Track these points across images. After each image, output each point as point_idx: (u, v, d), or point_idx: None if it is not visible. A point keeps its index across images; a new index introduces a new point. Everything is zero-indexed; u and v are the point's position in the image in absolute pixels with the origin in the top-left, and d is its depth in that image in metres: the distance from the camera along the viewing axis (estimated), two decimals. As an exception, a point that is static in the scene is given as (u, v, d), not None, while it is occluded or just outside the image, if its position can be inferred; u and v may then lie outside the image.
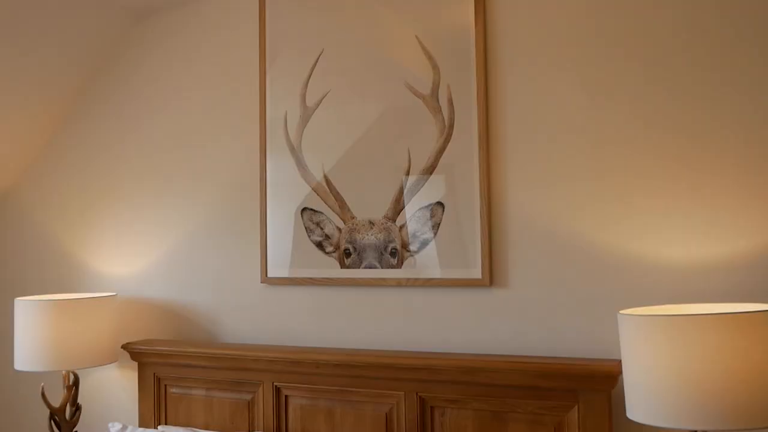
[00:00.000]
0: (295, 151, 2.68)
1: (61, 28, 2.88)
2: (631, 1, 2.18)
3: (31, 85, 2.99)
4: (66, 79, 3.08)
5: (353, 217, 2.56)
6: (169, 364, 2.71)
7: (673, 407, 1.74)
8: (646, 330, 1.78)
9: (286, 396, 2.51)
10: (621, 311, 1.86)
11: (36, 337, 2.73)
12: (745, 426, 1.69)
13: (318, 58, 2.65)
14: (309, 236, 2.64)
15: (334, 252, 2.60)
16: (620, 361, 1.93)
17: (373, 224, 2.53)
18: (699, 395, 1.71)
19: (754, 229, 2.01)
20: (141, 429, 2.51)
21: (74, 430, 2.85)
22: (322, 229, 2.62)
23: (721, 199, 2.05)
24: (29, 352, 2.74)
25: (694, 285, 2.06)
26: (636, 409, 1.83)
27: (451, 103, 2.42)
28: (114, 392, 3.01)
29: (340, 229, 2.58)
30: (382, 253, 2.51)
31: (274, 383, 2.52)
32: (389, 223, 2.50)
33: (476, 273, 2.36)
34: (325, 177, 2.62)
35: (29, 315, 2.74)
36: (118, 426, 2.54)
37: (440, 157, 2.43)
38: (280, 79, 2.73)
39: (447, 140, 2.43)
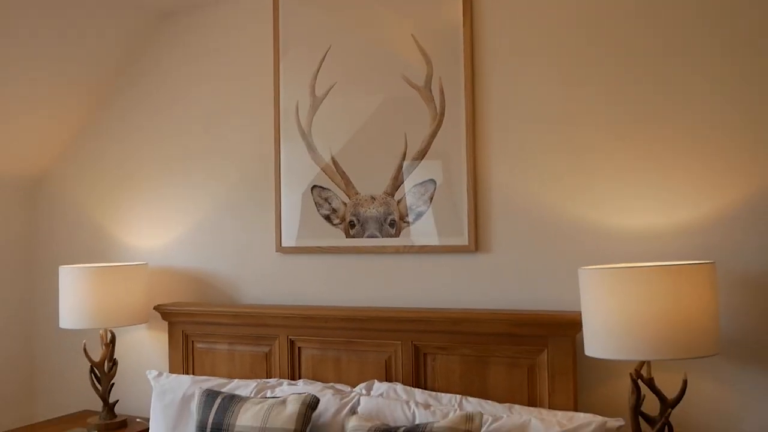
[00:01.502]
0: (306, 136, 3.04)
1: (98, 24, 3.21)
2: (602, 8, 2.53)
3: (68, 74, 3.32)
4: (99, 69, 3.42)
5: (357, 193, 2.93)
6: (196, 322, 3.09)
7: (622, 343, 2.11)
8: (600, 281, 2.16)
9: (299, 348, 2.88)
10: (581, 268, 2.24)
11: (78, 299, 3.09)
12: (679, 356, 2.07)
13: (326, 54, 3.00)
14: (318, 210, 3.01)
15: (340, 224, 2.96)
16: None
17: (375, 199, 2.89)
18: (642, 332, 2.08)
19: (696, 200, 2.38)
20: (174, 374, 2.88)
21: (111, 381, 3.22)
22: (329, 203, 2.99)
23: (671, 174, 2.41)
24: (72, 312, 3.12)
25: (644, 246, 2.43)
26: (593, 347, 2.20)
27: (443, 94, 2.78)
28: (146, 349, 3.38)
29: (345, 204, 2.95)
30: (382, 224, 2.88)
31: (289, 337, 2.89)
32: (388, 198, 2.87)
33: (464, 240, 2.73)
34: (333, 158, 2.98)
35: (72, 280, 3.11)
36: (155, 373, 2.91)
37: (432, 140, 2.79)
38: (291, 72, 3.08)
39: (439, 126, 2.79)
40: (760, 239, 2.30)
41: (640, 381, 2.22)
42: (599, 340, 2.17)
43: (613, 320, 2.12)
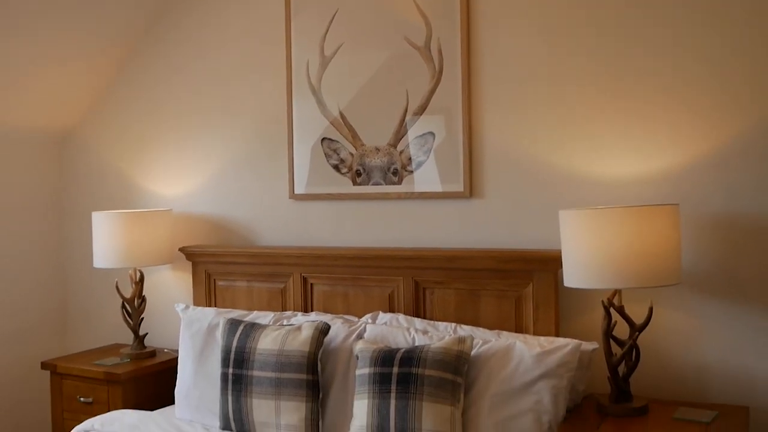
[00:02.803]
0: (316, 92, 3.31)
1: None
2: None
3: (96, 33, 3.55)
4: (126, 29, 3.64)
5: (363, 145, 3.21)
6: (217, 262, 3.41)
7: (596, 274, 2.42)
8: (578, 221, 2.46)
9: (311, 284, 3.20)
10: (560, 210, 2.54)
11: (110, 242, 3.40)
12: (645, 284, 2.38)
13: (333, 17, 3.24)
14: (327, 160, 3.30)
15: (347, 173, 3.25)
16: (561, 246, 2.60)
17: (379, 150, 3.18)
18: (613, 265, 2.38)
19: (667, 150, 2.66)
20: (200, 307, 3.21)
21: (141, 316, 3.55)
22: (338, 154, 3.27)
23: (646, 126, 2.68)
24: (105, 253, 3.43)
25: (620, 192, 2.71)
26: (571, 279, 2.50)
27: (441, 53, 3.03)
28: (171, 287, 3.71)
29: (352, 155, 3.23)
30: (386, 173, 3.17)
31: (302, 274, 3.20)
32: (392, 149, 3.15)
33: (459, 187, 3.02)
34: (340, 113, 3.25)
35: (104, 225, 3.42)
36: (182, 306, 3.24)
37: (432, 96, 3.05)
38: (302, 33, 3.32)
39: (437, 83, 3.05)
40: (725, 185, 2.59)
41: (612, 309, 2.54)
42: (577, 273, 2.48)
43: (588, 255, 2.42)
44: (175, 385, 3.16)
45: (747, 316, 2.58)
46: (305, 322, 2.83)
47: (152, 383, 3.37)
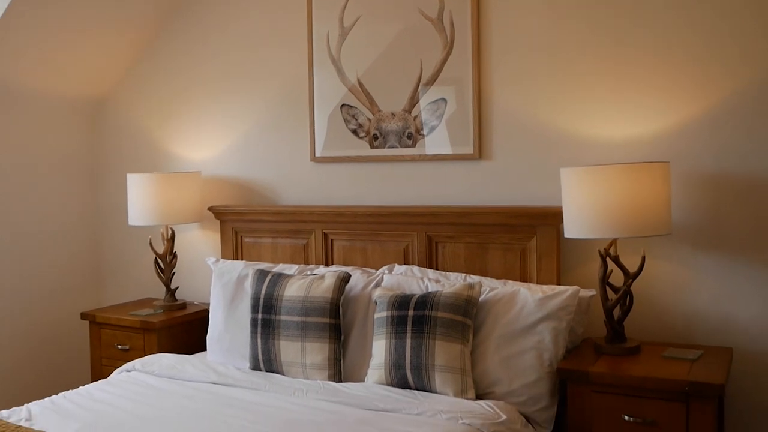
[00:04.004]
0: (335, 61, 3.54)
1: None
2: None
3: (125, 5, 3.77)
4: (153, 1, 3.92)
5: (379, 110, 3.45)
6: (244, 220, 3.66)
7: (593, 225, 2.66)
8: (577, 177, 2.69)
9: (331, 240, 3.46)
10: (561, 168, 2.77)
11: (143, 201, 3.66)
12: (638, 234, 2.62)
13: (352, -10, 3.49)
14: (346, 125, 3.54)
15: (365, 137, 3.49)
16: (562, 201, 2.84)
17: (395, 115, 3.41)
18: (609, 216, 2.61)
19: (661, 112, 2.89)
20: (229, 261, 3.48)
21: (173, 271, 3.83)
22: (356, 119, 3.51)
23: (642, 90, 2.91)
24: (139, 212, 3.69)
25: (618, 152, 2.95)
26: (571, 230, 2.74)
27: (452, 25, 3.25)
28: (200, 244, 3.97)
29: (369, 120, 3.47)
30: (401, 137, 3.41)
31: (323, 231, 3.46)
32: (406, 114, 3.38)
33: (469, 149, 3.26)
34: (359, 80, 3.48)
35: (138, 185, 3.68)
36: (213, 259, 3.51)
37: (444, 65, 3.28)
38: (323, 6, 3.53)
39: (449, 53, 3.27)
40: (715, 145, 2.82)
41: (608, 258, 2.79)
42: (576, 224, 2.72)
43: (586, 208, 2.67)
44: (204, 334, 3.44)
45: (733, 266, 2.82)
46: (328, 272, 3.10)
47: (184, 332, 3.64)
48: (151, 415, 2.60)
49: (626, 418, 2.51)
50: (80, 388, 2.93)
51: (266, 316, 3.03)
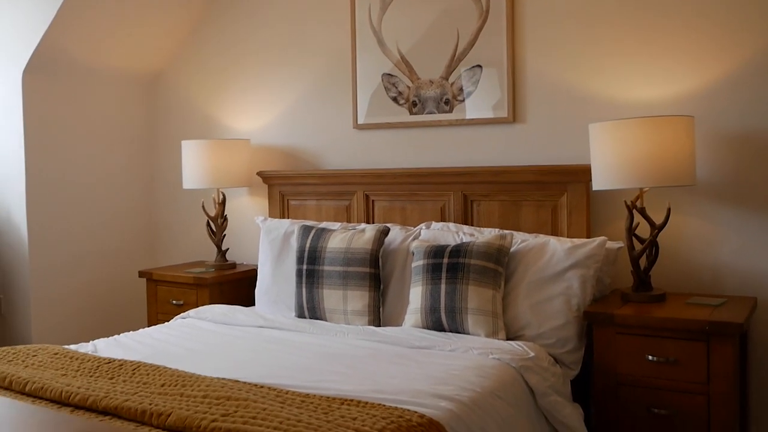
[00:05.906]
0: (377, 33, 3.73)
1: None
2: None
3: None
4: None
5: (418, 78, 3.63)
6: (290, 183, 3.88)
7: (620, 176, 2.80)
8: (604, 131, 2.84)
9: (372, 200, 3.65)
10: (590, 123, 2.92)
11: (197, 166, 3.88)
12: (663, 183, 2.75)
13: (393, -36, 3.67)
14: (387, 93, 3.72)
15: (405, 104, 3.68)
16: (591, 157, 2.99)
17: (433, 82, 3.59)
18: (634, 168, 2.75)
19: (686, 74, 3.02)
20: (276, 219, 3.70)
21: (223, 233, 4.06)
22: (396, 87, 3.70)
23: (668, 54, 3.04)
24: (193, 176, 3.93)
25: (645, 112, 3.08)
26: (599, 182, 2.89)
27: (488, -6, 3.43)
28: (249, 208, 4.20)
29: (409, 87, 3.65)
30: (438, 103, 3.58)
31: (364, 192, 3.65)
32: (444, 81, 3.56)
33: (504, 113, 3.41)
34: (398, 50, 3.67)
35: (192, 151, 3.91)
36: (261, 218, 3.73)
37: (479, 33, 3.45)
38: (365, -20, 3.76)
39: (484, 21, 3.44)
40: (739, 104, 2.93)
41: (634, 211, 2.92)
42: (604, 177, 2.86)
43: (613, 160, 2.81)
44: (253, 291, 3.67)
45: (756, 220, 2.93)
46: (368, 226, 3.29)
47: (234, 289, 3.87)
48: (203, 350, 2.83)
49: (650, 357, 2.65)
50: (140, 330, 3.18)
51: (310, 267, 3.23)
